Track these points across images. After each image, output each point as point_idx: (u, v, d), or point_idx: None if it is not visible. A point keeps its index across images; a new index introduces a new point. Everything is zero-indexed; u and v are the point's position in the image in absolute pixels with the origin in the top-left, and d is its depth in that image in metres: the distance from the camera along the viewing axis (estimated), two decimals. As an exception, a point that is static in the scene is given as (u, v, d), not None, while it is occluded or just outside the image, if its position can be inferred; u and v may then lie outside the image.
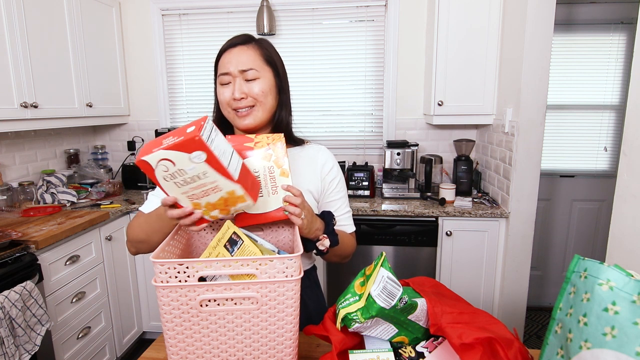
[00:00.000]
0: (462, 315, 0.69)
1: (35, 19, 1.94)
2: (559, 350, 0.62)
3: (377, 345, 0.73)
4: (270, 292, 0.67)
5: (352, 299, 0.71)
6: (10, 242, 1.57)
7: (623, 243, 0.98)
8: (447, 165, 2.62)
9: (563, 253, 2.85)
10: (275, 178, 0.86)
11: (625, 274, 0.54)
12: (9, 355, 1.38)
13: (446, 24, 2.17)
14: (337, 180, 1.07)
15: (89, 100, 2.32)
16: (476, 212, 2.06)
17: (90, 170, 2.54)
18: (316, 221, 0.92)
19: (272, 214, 0.86)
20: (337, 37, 2.60)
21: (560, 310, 0.63)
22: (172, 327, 0.68)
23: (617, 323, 0.52)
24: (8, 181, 2.18)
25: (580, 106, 2.65)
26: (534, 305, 2.84)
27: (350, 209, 1.12)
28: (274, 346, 0.71)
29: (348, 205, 1.11)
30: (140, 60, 2.76)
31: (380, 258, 0.71)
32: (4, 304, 1.39)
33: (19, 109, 1.87)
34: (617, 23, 2.53)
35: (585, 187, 2.74)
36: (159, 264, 0.64)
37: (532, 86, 1.89)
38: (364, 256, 2.19)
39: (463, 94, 2.23)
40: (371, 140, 2.70)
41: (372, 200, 2.32)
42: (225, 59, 0.94)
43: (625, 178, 0.97)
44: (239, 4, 2.59)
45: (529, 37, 1.85)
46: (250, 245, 0.75)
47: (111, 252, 2.14)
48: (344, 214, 1.09)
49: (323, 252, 0.95)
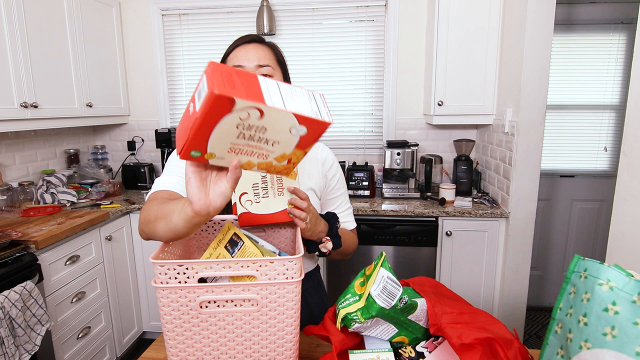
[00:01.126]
0: (462, 315, 0.69)
1: (35, 19, 1.94)
2: (559, 350, 0.62)
3: (377, 345, 0.73)
4: (271, 294, 0.67)
5: (352, 299, 0.71)
6: (10, 242, 1.57)
7: (623, 243, 0.98)
8: (447, 165, 2.62)
9: (563, 253, 2.85)
10: (282, 179, 0.86)
11: (625, 274, 0.54)
12: (9, 355, 1.38)
13: (446, 24, 2.17)
14: (337, 176, 1.08)
15: (89, 100, 2.32)
16: (476, 212, 2.06)
17: (90, 170, 2.54)
18: (320, 223, 0.92)
19: (277, 215, 0.86)
20: (337, 37, 2.60)
21: (560, 310, 0.63)
22: (172, 328, 0.68)
23: (617, 323, 0.52)
24: (8, 181, 2.18)
25: (580, 106, 2.65)
26: (534, 305, 2.84)
27: (350, 205, 1.13)
28: (274, 348, 0.71)
29: (349, 201, 1.12)
30: (140, 60, 2.76)
31: (380, 258, 0.71)
32: (4, 304, 1.39)
33: (19, 109, 1.87)
34: (617, 23, 2.53)
35: (585, 187, 2.74)
36: (159, 264, 0.64)
37: (532, 86, 1.89)
38: (364, 256, 2.19)
39: (463, 94, 2.23)
40: (371, 140, 2.70)
41: (372, 200, 2.32)
42: (240, 53, 0.94)
43: (625, 178, 0.97)
44: (239, 4, 2.59)
45: (529, 37, 1.85)
46: (251, 246, 0.75)
47: (111, 252, 2.14)
48: (345, 210, 1.10)
49: (325, 254, 0.95)
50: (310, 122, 0.54)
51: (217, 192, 0.59)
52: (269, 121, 0.53)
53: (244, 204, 0.86)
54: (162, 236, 0.73)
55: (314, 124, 0.55)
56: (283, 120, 0.54)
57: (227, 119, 0.52)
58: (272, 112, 0.52)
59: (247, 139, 0.56)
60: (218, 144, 0.55)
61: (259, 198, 0.86)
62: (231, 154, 0.57)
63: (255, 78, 0.54)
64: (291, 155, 0.59)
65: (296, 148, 0.58)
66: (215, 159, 0.58)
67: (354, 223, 1.13)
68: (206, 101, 0.49)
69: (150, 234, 0.77)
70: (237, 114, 0.51)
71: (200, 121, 0.51)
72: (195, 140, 0.54)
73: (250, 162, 0.60)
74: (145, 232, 0.80)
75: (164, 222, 0.71)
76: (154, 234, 0.76)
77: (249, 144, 0.56)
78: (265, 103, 0.51)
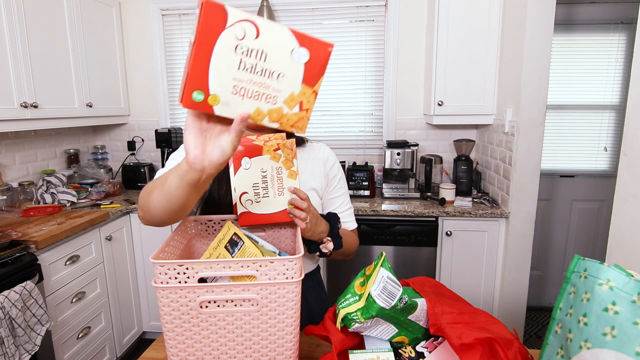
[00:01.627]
0: (462, 315, 0.69)
1: (35, 19, 1.94)
2: (559, 350, 0.62)
3: (377, 345, 0.73)
4: (271, 294, 0.67)
5: (352, 299, 0.71)
6: (10, 242, 1.57)
7: (623, 243, 0.98)
8: (447, 165, 2.62)
9: (563, 253, 2.85)
10: (282, 179, 0.86)
11: (625, 274, 0.54)
12: (9, 355, 1.38)
13: (446, 24, 2.17)
14: (339, 176, 1.08)
15: (89, 100, 2.32)
16: (476, 212, 2.06)
17: (90, 170, 2.54)
18: (321, 224, 0.92)
19: (277, 215, 0.86)
20: (337, 37, 2.60)
21: (560, 310, 0.63)
22: (172, 328, 0.68)
23: (617, 323, 0.52)
24: (8, 181, 2.18)
25: (580, 106, 2.65)
26: (534, 305, 2.84)
27: (351, 205, 1.12)
28: (275, 348, 0.71)
29: (350, 201, 1.12)
30: (140, 60, 2.76)
31: (380, 258, 0.71)
32: (4, 304, 1.39)
33: (19, 109, 1.87)
34: (617, 23, 2.53)
35: (585, 187, 2.74)
36: (159, 264, 0.64)
37: (532, 86, 1.89)
38: (364, 256, 2.19)
39: (463, 94, 2.23)
40: (371, 140, 2.70)
41: (372, 200, 2.32)
42: None
43: (625, 178, 0.97)
44: (239, 4, 2.59)
45: (529, 37, 1.85)
46: (251, 246, 0.75)
47: (111, 252, 2.14)
48: (346, 210, 1.10)
49: (326, 254, 0.95)
50: (309, 41, 0.52)
51: (215, 145, 0.55)
52: (267, 43, 0.51)
53: (244, 204, 0.86)
54: (156, 204, 0.68)
55: (314, 45, 0.53)
56: (282, 41, 0.51)
57: (224, 38, 0.49)
58: (268, 27, 0.50)
59: (250, 72, 0.52)
60: (220, 79, 0.51)
61: (259, 198, 0.86)
62: (237, 96, 0.53)
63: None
64: (300, 96, 0.56)
65: (304, 84, 0.55)
66: (221, 105, 0.53)
67: (355, 223, 1.13)
68: (199, 16, 0.47)
69: (146, 208, 0.73)
70: (233, 32, 0.49)
71: (196, 43, 0.49)
72: (195, 73, 0.50)
73: (259, 110, 0.55)
74: (143, 209, 0.75)
75: (159, 189, 0.67)
76: (149, 208, 0.71)
77: (253, 79, 0.53)
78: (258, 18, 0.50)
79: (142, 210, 0.76)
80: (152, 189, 0.71)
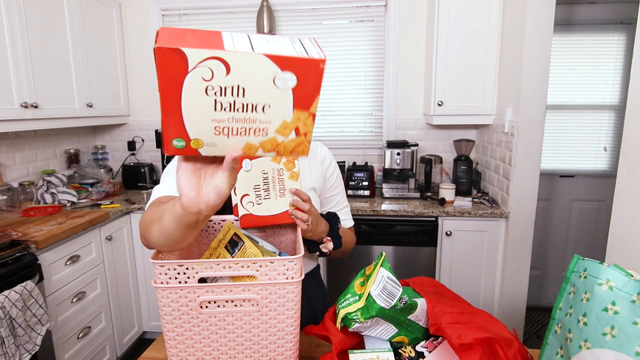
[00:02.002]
0: (461, 315, 0.69)
1: (35, 19, 1.94)
2: (559, 350, 0.62)
3: (377, 345, 0.73)
4: (271, 294, 0.67)
5: (352, 299, 0.71)
6: (11, 242, 1.58)
7: (623, 243, 0.98)
8: (447, 165, 2.62)
9: (563, 253, 2.85)
10: (283, 180, 0.86)
11: (625, 274, 0.54)
12: (9, 355, 1.38)
13: (446, 24, 2.17)
14: (335, 175, 1.09)
15: (89, 100, 2.32)
16: (476, 212, 2.06)
17: (90, 170, 2.54)
18: (321, 224, 0.92)
19: (278, 217, 0.86)
20: (337, 37, 2.60)
21: (560, 310, 0.63)
22: (172, 328, 0.68)
23: (617, 323, 0.52)
24: (8, 181, 2.18)
25: (580, 106, 2.65)
26: (533, 305, 2.84)
27: (348, 203, 1.14)
28: (275, 348, 0.71)
29: (346, 200, 1.13)
30: (140, 60, 2.76)
31: (380, 258, 0.71)
32: (4, 303, 1.39)
33: (19, 109, 1.87)
34: (617, 23, 2.53)
35: (585, 187, 2.74)
36: (159, 264, 0.64)
37: (532, 86, 1.89)
38: (364, 256, 2.19)
39: (463, 94, 2.23)
40: (371, 140, 2.70)
41: (372, 200, 2.32)
42: None
43: (625, 178, 0.97)
44: (239, 4, 2.59)
45: (528, 37, 1.85)
46: (251, 246, 0.75)
47: (111, 252, 2.14)
48: (343, 208, 1.11)
49: (326, 254, 0.95)
50: (294, 63, 0.44)
51: (210, 187, 0.52)
52: (242, 76, 0.43)
53: (245, 206, 0.87)
54: (156, 241, 0.67)
55: (301, 66, 0.44)
56: (259, 71, 0.43)
57: (190, 82, 0.42)
58: (238, 60, 0.42)
59: (229, 111, 0.45)
60: (197, 123, 0.46)
61: (260, 199, 0.86)
62: (221, 136, 0.47)
63: (218, 34, 0.45)
64: (295, 122, 0.49)
65: (296, 109, 0.48)
66: (206, 147, 0.48)
67: (352, 221, 1.14)
68: (156, 64, 0.40)
69: (147, 239, 0.72)
70: (198, 74, 0.42)
71: (161, 93, 0.43)
72: (168, 122, 0.45)
73: (249, 144, 0.49)
74: (144, 238, 0.75)
75: (157, 225, 0.65)
76: (149, 240, 0.70)
77: (235, 117, 0.46)
78: (223, 48, 0.42)
79: (144, 239, 0.75)
80: (150, 221, 0.70)
